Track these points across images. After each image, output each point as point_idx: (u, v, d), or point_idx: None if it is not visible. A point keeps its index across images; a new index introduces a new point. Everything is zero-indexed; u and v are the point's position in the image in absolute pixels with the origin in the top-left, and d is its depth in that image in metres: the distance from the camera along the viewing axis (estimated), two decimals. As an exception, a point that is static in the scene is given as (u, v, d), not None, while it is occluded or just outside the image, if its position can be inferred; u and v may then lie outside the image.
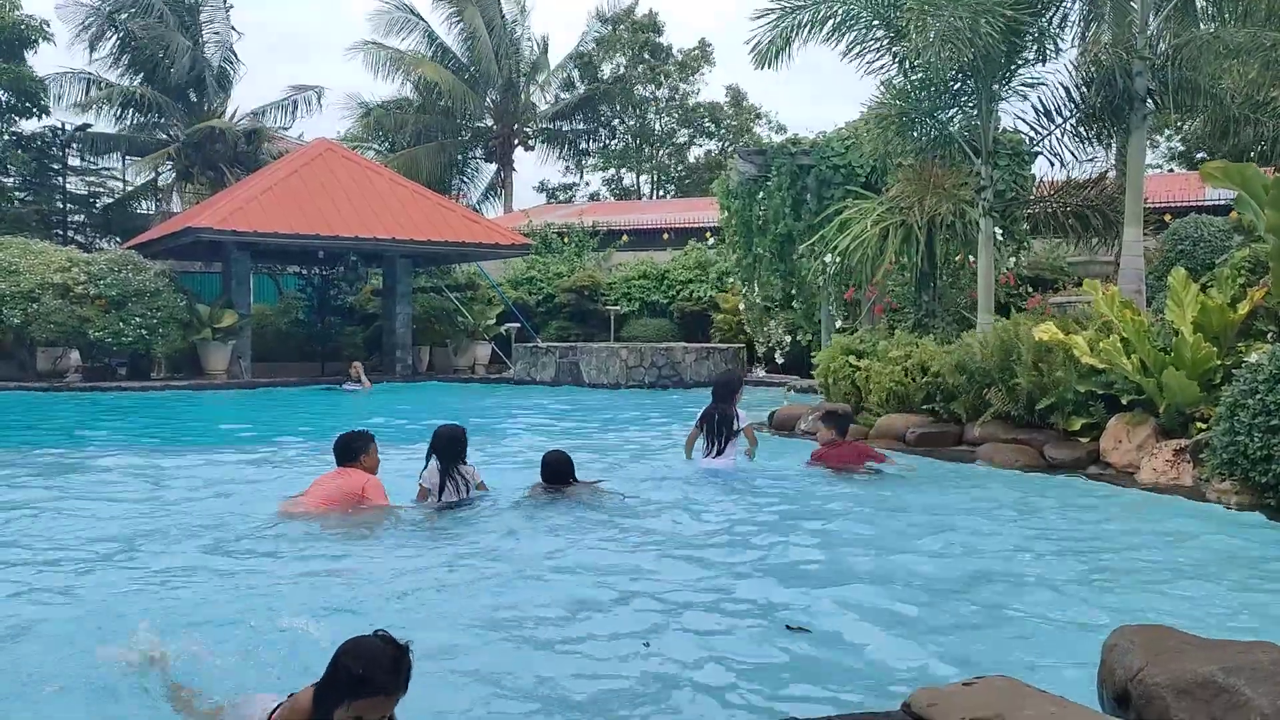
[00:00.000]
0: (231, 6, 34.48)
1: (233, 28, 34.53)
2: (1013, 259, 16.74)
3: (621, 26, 48.62)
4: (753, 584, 5.55)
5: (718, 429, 9.44)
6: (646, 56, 49.33)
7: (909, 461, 9.70)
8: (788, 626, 4.72)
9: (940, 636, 4.58)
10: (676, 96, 51.01)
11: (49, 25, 29.87)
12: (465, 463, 7.73)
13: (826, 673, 4.20)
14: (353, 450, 7.38)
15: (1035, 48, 12.77)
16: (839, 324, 18.39)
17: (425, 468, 7.66)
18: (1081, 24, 13.60)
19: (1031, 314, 12.41)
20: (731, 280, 24.05)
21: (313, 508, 7.09)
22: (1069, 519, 7.23)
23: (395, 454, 8.94)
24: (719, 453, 9.41)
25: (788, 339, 21.60)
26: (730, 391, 9.56)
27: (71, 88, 32.37)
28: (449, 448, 7.63)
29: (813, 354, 17.76)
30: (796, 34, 12.99)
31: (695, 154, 52.47)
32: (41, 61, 33.39)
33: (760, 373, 22.22)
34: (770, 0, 13.08)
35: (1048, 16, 12.73)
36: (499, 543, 6.53)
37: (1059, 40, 13.00)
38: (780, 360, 21.93)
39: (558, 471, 8.07)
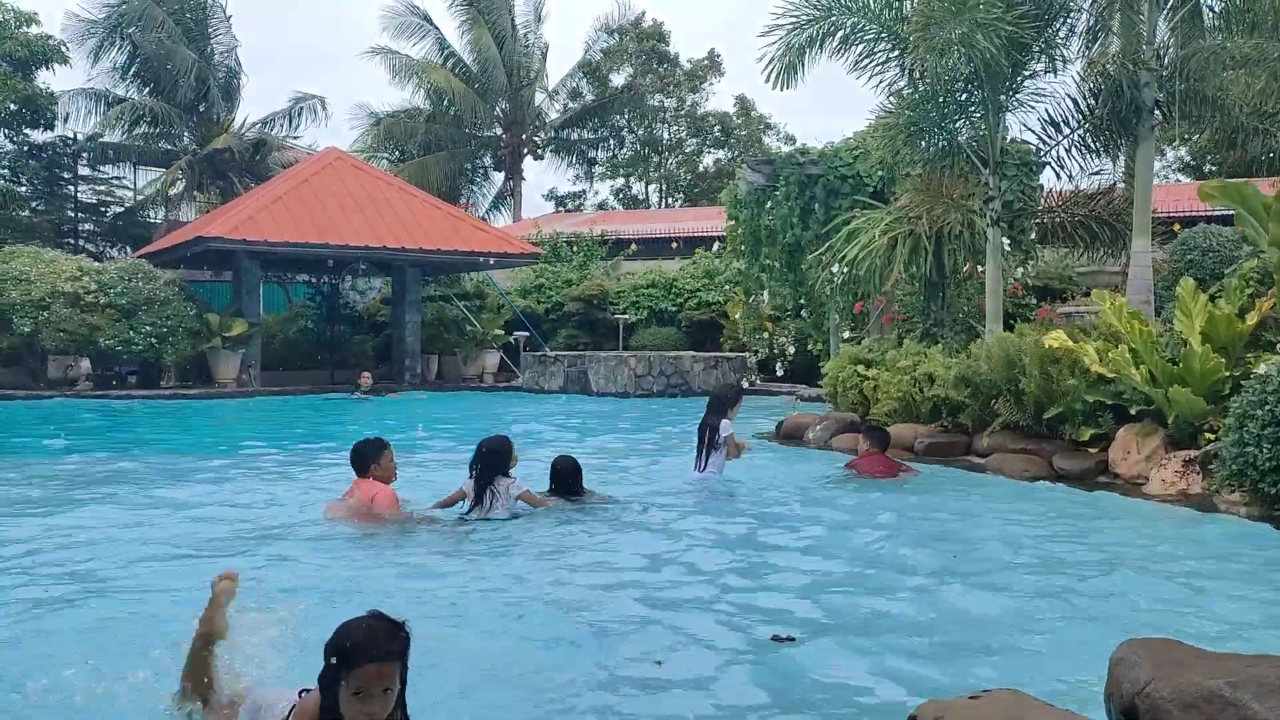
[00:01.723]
0: (231, 16, 34.64)
1: (231, 33, 34.66)
2: (1020, 269, 16.74)
3: (627, 37, 48.76)
4: (755, 595, 5.55)
5: (702, 442, 9.45)
6: (655, 66, 49.43)
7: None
8: (773, 637, 4.73)
9: (947, 648, 4.59)
10: (685, 106, 51.09)
11: (68, 48, 30.05)
12: (508, 475, 7.60)
13: (833, 685, 4.21)
14: (364, 460, 7.32)
15: (1040, 60, 12.80)
16: (846, 334, 18.40)
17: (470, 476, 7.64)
18: (1089, 36, 13.62)
19: (1040, 325, 12.41)
20: (732, 289, 24.11)
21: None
22: (1076, 530, 7.22)
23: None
24: (702, 466, 9.39)
25: (791, 349, 21.62)
26: (722, 405, 9.47)
27: (82, 105, 32.58)
28: (487, 459, 7.59)
29: (821, 364, 17.77)
30: (808, 48, 13.04)
31: (704, 163, 52.54)
32: (56, 78, 33.63)
33: (756, 382, 22.18)
34: (777, 16, 13.14)
35: (1055, 29, 12.75)
36: (508, 556, 6.53)
37: (1065, 53, 13.03)
38: (781, 371, 21.95)
39: (567, 478, 8.09)
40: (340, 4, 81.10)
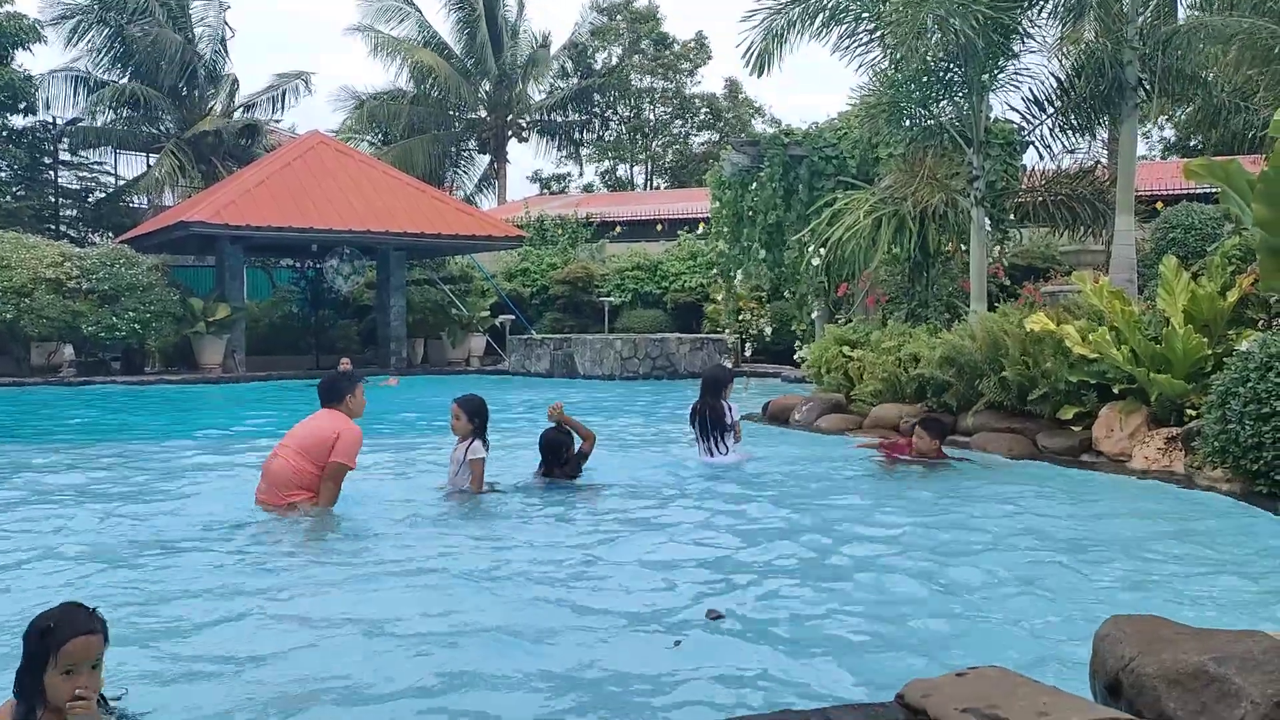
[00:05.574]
0: (228, 7, 34.38)
1: (226, 23, 34.41)
2: (996, 248, 16.82)
3: (619, 17, 48.59)
4: (749, 576, 5.57)
5: (710, 426, 9.36)
6: (644, 46, 49.29)
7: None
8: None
9: (932, 627, 4.61)
10: (672, 87, 50.97)
11: (43, 26, 29.70)
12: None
13: (819, 665, 4.23)
14: (338, 390, 7.14)
15: (1019, 40, 12.82)
16: (814, 314, 18.47)
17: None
18: (1068, 14, 13.63)
19: (1025, 304, 12.45)
20: (715, 271, 24.19)
21: (272, 498, 6.90)
22: (1061, 507, 7.26)
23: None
24: (716, 450, 9.32)
25: (769, 330, 21.66)
26: (719, 386, 9.50)
27: (63, 88, 32.28)
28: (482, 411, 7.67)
29: (798, 344, 17.82)
30: (789, 30, 13.03)
31: (690, 145, 52.45)
32: (36, 60, 33.40)
33: (738, 364, 22.24)
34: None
35: (1038, 8, 12.76)
36: (505, 546, 6.52)
37: (1044, 33, 13.09)
38: (749, 352, 22.02)
39: (552, 452, 8.09)
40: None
